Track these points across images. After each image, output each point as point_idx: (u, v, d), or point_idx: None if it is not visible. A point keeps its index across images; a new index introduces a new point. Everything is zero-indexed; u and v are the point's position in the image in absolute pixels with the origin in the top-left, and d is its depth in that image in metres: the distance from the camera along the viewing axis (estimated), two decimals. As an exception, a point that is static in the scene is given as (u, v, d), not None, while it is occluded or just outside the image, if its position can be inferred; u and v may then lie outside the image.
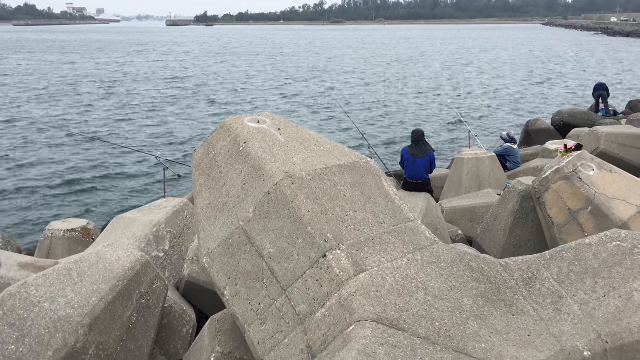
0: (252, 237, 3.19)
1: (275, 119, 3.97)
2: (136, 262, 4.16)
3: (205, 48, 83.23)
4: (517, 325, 2.79)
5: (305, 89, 35.38)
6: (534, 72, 44.38)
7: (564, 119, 17.14)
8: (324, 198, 3.23)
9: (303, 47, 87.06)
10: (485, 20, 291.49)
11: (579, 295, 2.96)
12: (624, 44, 77.93)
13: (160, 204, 6.70)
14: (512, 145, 11.64)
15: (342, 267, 2.92)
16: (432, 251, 3.18)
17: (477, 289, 2.97)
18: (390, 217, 3.34)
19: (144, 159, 16.74)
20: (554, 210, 5.69)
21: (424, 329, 2.64)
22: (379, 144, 19.38)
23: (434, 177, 10.03)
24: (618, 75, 40.30)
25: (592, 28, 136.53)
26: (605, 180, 5.56)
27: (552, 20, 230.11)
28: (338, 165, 3.48)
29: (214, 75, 43.11)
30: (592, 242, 3.25)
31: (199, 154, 3.81)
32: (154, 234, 5.83)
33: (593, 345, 2.72)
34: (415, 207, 7.01)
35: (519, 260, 3.21)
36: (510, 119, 24.61)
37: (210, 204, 3.52)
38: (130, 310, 4.01)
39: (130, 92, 33.33)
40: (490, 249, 6.60)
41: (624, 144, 9.62)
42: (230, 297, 3.19)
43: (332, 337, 2.67)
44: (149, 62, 56.29)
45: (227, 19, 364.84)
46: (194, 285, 5.26)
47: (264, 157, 3.40)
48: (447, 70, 46.31)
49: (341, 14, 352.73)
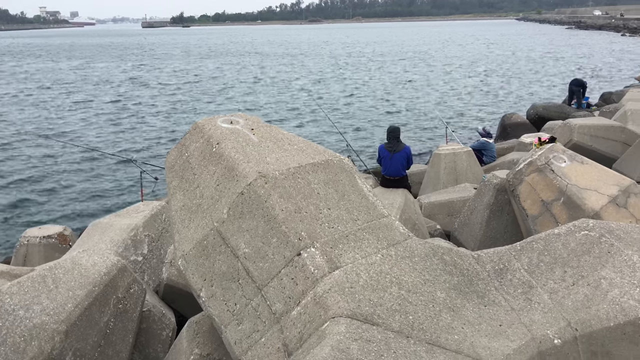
0: (226, 238, 3.19)
1: (249, 119, 3.97)
2: (112, 266, 4.14)
3: (183, 49, 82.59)
4: (489, 316, 2.84)
5: (281, 89, 35.33)
6: (510, 67, 44.96)
7: (539, 113, 17.41)
8: (298, 196, 3.24)
9: (276, 47, 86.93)
10: (461, 16, 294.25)
11: (548, 285, 3.03)
12: (597, 38, 79.28)
13: (137, 207, 6.65)
14: (488, 139, 11.80)
15: (317, 265, 2.94)
16: (405, 246, 3.22)
17: (450, 281, 3.02)
18: (364, 213, 3.37)
19: (120, 162, 16.57)
20: (528, 202, 5.78)
21: (397, 323, 2.68)
22: (356, 141, 19.45)
23: (412, 173, 10.13)
24: (591, 67, 41.01)
25: (565, 22, 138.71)
26: (576, 172, 5.67)
27: (527, 15, 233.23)
28: (311, 163, 3.49)
29: (192, 77, 42.81)
30: (561, 232, 3.32)
31: (172, 156, 3.80)
32: (132, 237, 5.79)
33: (563, 333, 2.78)
34: (393, 203, 7.07)
35: (490, 252, 3.27)
36: (486, 113, 24.88)
37: (184, 205, 3.51)
38: (107, 316, 3.98)
39: (106, 95, 32.94)
40: (468, 242, 6.68)
41: (596, 135, 9.80)
42: (206, 298, 3.19)
43: (308, 334, 2.69)
44: (124, 65, 55.67)
45: (204, 19, 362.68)
46: (173, 288, 5.24)
47: (237, 157, 3.40)
48: (424, 67, 46.70)
49: (318, 12, 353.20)
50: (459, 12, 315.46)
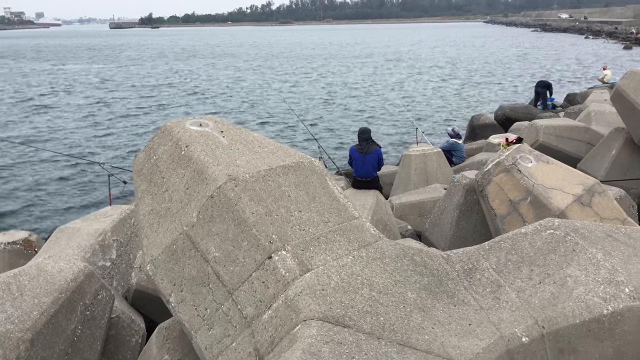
0: (196, 242, 3.16)
1: (218, 121, 3.94)
2: (79, 272, 4.06)
3: (153, 51, 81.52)
4: (458, 315, 2.88)
5: (253, 90, 35.19)
6: (478, 68, 45.71)
7: (506, 114, 17.73)
8: (269, 199, 3.23)
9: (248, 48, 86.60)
10: (430, 18, 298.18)
11: (516, 283, 3.08)
12: (562, 40, 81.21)
13: (106, 212, 6.55)
14: (457, 140, 11.96)
15: (288, 268, 2.93)
16: (376, 247, 3.23)
17: (420, 282, 3.04)
18: (335, 215, 3.37)
19: (87, 166, 16.25)
20: (496, 202, 5.88)
21: (369, 324, 2.69)
22: (328, 143, 19.50)
23: (383, 174, 10.20)
24: (556, 69, 41.99)
25: (531, 25, 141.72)
26: (542, 171, 5.78)
27: (494, 17, 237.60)
28: (282, 165, 3.48)
29: (161, 79, 42.28)
30: (527, 232, 3.38)
31: (140, 160, 3.74)
32: (100, 243, 5.69)
33: (530, 331, 2.83)
34: (364, 204, 7.10)
35: (460, 252, 3.31)
36: (455, 115, 25.23)
37: (152, 210, 3.46)
38: (74, 323, 3.91)
39: (73, 98, 32.28)
40: (438, 242, 6.75)
41: (561, 135, 10.03)
42: (176, 303, 3.15)
43: (279, 338, 2.68)
44: (93, 67, 54.68)
45: (173, 20, 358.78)
46: (142, 294, 5.17)
47: (207, 160, 3.37)
48: (395, 70, 47.11)
49: (289, 14, 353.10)
50: (428, 14, 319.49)
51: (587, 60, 48.10)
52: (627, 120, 8.68)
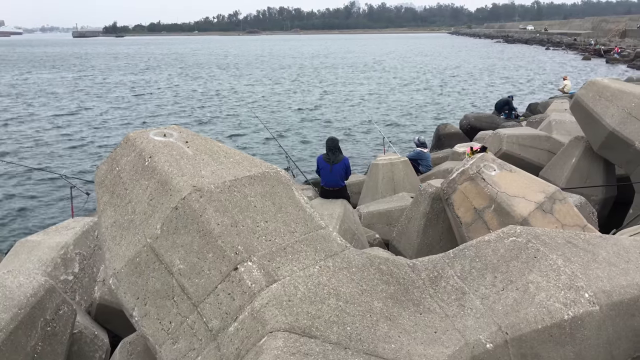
0: (160, 254, 3.10)
1: (183, 131, 3.89)
2: (39, 287, 3.95)
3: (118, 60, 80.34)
4: (424, 323, 2.90)
5: (220, 102, 34.99)
6: (444, 79, 46.51)
7: (471, 123, 18.06)
8: (234, 210, 3.20)
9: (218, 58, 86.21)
10: (396, 29, 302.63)
11: (480, 290, 3.12)
12: (524, 51, 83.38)
13: (68, 224, 6.38)
14: (423, 149, 12.11)
15: (254, 279, 2.91)
16: (343, 257, 3.23)
17: (386, 291, 3.06)
18: (302, 225, 3.36)
19: (48, 177, 15.82)
20: (462, 210, 5.96)
21: (335, 335, 2.68)
22: (296, 153, 19.50)
23: (351, 183, 10.24)
24: (519, 80, 43.04)
25: (494, 36, 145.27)
26: (505, 180, 5.90)
27: (458, 29, 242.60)
28: (248, 176, 3.46)
29: (128, 90, 41.66)
30: (490, 239, 3.44)
31: (102, 171, 3.67)
32: (62, 256, 5.55)
33: (494, 337, 2.87)
34: (332, 213, 7.10)
35: (425, 260, 3.34)
36: (422, 124, 25.57)
37: (115, 222, 3.39)
38: (34, 339, 3.79)
39: (34, 108, 31.50)
40: (406, 250, 6.81)
41: (523, 144, 10.27)
42: (140, 317, 3.08)
43: (245, 350, 2.65)
44: (54, 76, 53.53)
45: (139, 29, 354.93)
46: (106, 308, 5.05)
47: (171, 171, 3.33)
48: (365, 80, 47.54)
49: (256, 24, 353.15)
50: (394, 25, 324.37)
51: (548, 71, 49.51)
52: (586, 129, 8.94)
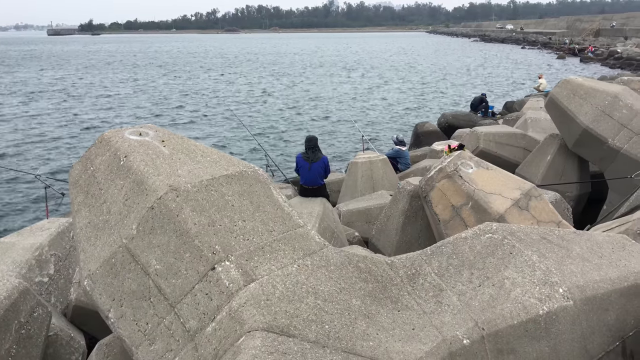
0: (136, 255, 3.06)
1: (159, 130, 3.85)
2: (13, 289, 3.88)
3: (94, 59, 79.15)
4: (402, 321, 2.91)
5: (200, 101, 34.72)
6: (423, 77, 46.83)
7: (449, 121, 18.22)
8: (211, 209, 3.18)
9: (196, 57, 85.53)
10: (375, 28, 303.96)
11: (457, 287, 3.15)
12: (501, 49, 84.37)
13: (42, 225, 6.27)
14: (402, 147, 12.17)
15: (232, 279, 2.89)
16: (321, 255, 3.23)
17: (364, 288, 3.07)
18: (280, 224, 3.35)
19: (22, 178, 15.54)
20: (439, 207, 6.01)
21: (314, 333, 2.68)
22: (275, 151, 19.46)
23: (330, 182, 10.25)
24: (495, 79, 43.56)
25: (471, 35, 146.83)
26: (482, 177, 5.96)
27: (435, 28, 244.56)
28: (225, 175, 3.44)
29: (102, 89, 41.07)
30: (467, 236, 3.47)
31: (76, 171, 3.61)
32: (36, 258, 5.45)
33: (471, 333, 2.90)
34: (312, 212, 7.10)
35: (403, 258, 3.36)
36: (401, 122, 25.72)
37: (90, 222, 3.34)
38: (8, 343, 3.73)
39: (6, 107, 30.88)
40: (385, 248, 6.84)
41: (500, 142, 10.40)
42: (115, 319, 3.04)
43: (223, 350, 2.64)
44: (30, 74, 52.53)
45: (115, 27, 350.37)
46: (82, 310, 4.98)
47: (147, 170, 3.28)
48: (342, 79, 47.62)
49: (235, 22, 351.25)
50: (373, 24, 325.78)
51: (524, 69, 50.17)
52: (560, 126, 9.09)
